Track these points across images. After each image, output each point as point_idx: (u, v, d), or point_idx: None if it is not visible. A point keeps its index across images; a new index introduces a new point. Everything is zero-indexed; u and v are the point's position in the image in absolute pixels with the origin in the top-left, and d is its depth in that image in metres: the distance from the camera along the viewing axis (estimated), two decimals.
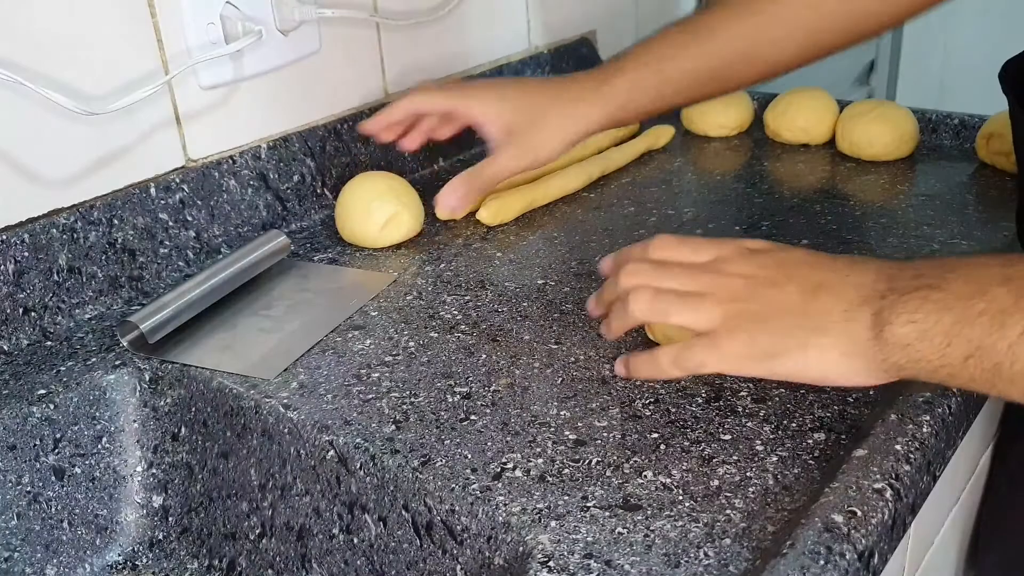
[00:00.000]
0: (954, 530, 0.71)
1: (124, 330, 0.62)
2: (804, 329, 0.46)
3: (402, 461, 0.49)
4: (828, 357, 0.45)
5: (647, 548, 0.42)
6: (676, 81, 0.70)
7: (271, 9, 0.75)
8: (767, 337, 0.47)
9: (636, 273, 0.52)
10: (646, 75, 0.71)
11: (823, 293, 0.47)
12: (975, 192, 0.79)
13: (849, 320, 0.45)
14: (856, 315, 0.45)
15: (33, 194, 0.64)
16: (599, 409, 0.52)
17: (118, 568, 0.59)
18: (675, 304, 0.50)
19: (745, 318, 0.48)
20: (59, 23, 0.63)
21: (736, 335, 0.48)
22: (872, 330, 0.44)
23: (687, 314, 0.49)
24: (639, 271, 0.52)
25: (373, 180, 0.77)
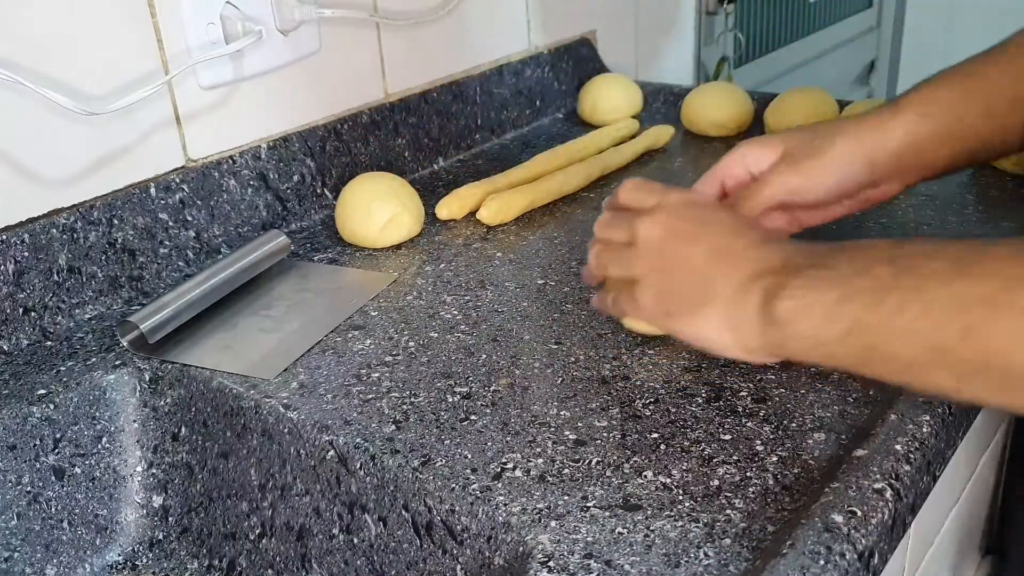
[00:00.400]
0: (954, 530, 0.71)
1: (124, 330, 0.62)
2: (697, 294, 0.48)
3: (402, 461, 0.49)
4: (711, 326, 0.47)
5: (647, 548, 0.42)
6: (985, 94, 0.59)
7: (271, 9, 0.75)
8: (669, 295, 0.49)
9: (597, 223, 0.55)
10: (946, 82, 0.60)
11: (724, 260, 0.48)
12: (975, 192, 0.79)
13: (738, 292, 0.46)
14: (747, 288, 0.45)
15: (33, 194, 0.64)
16: (599, 409, 0.52)
17: (118, 568, 0.59)
18: (610, 257, 0.53)
19: (657, 271, 0.50)
20: (59, 23, 0.63)
21: (647, 290, 0.50)
22: (757, 306, 0.45)
23: (617, 266, 0.52)
24: (605, 223, 0.54)
25: (373, 181, 0.77)
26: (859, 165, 0.58)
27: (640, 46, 1.27)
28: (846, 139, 0.59)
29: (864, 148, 0.58)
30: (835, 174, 0.59)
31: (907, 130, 0.58)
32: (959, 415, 0.50)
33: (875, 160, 0.58)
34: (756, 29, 1.71)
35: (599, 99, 1.04)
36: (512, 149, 0.99)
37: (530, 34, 1.06)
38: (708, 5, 1.45)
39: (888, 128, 0.58)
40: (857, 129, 0.59)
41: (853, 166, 0.58)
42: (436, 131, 0.94)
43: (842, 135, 0.59)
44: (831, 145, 0.59)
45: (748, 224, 0.50)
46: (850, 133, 0.59)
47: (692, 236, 0.50)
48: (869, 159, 0.58)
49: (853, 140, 0.59)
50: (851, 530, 0.41)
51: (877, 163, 0.58)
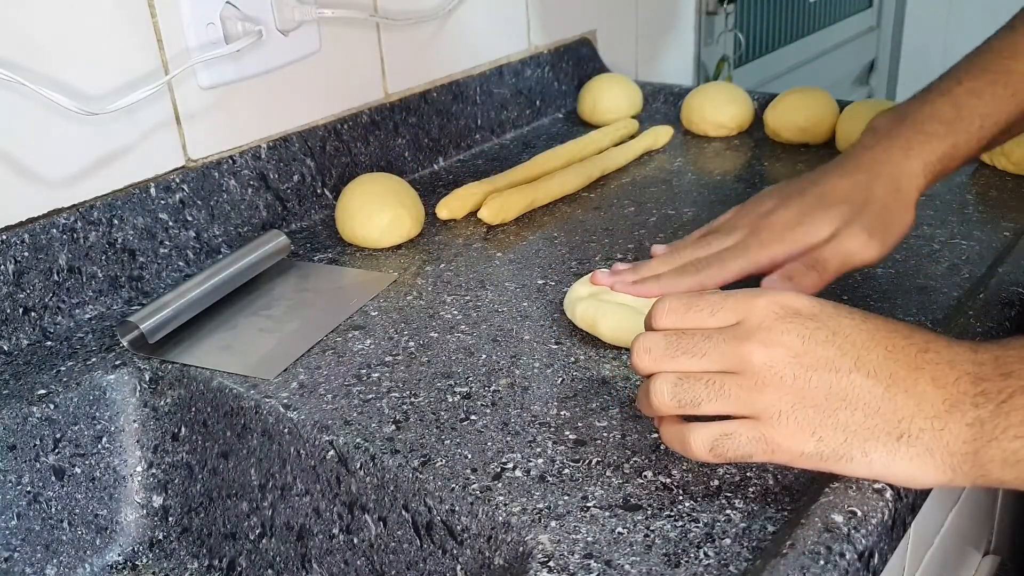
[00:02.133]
0: (954, 530, 0.71)
1: (124, 330, 0.62)
2: (883, 433, 0.41)
3: (402, 461, 0.49)
4: (918, 466, 0.41)
5: (647, 548, 0.42)
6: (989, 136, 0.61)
7: (271, 9, 0.75)
8: (837, 434, 0.41)
9: (648, 352, 0.45)
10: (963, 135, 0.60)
11: (899, 391, 0.41)
12: (975, 192, 0.79)
13: (940, 429, 0.40)
14: (946, 424, 0.40)
15: (33, 194, 0.64)
16: (599, 409, 0.52)
17: (118, 568, 0.59)
18: (704, 391, 0.43)
19: (799, 404, 0.41)
20: (59, 23, 0.63)
21: (792, 426, 0.42)
22: (970, 444, 0.40)
23: (722, 401, 0.42)
24: (652, 348, 0.45)
25: (373, 182, 0.77)
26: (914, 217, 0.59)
27: (640, 46, 1.27)
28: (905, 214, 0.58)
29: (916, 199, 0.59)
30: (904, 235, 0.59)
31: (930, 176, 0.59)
32: None
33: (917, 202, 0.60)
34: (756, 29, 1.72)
35: (599, 99, 1.04)
36: (512, 149, 0.99)
37: (530, 34, 1.06)
38: (708, 5, 1.45)
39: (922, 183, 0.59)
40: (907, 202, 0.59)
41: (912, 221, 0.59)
42: (436, 131, 0.94)
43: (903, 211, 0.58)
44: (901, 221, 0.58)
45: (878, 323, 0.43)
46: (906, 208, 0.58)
47: (832, 362, 0.42)
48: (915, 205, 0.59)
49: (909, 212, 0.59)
50: (851, 530, 0.40)
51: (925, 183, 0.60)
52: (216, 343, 0.62)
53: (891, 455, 0.41)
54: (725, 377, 0.43)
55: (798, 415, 0.41)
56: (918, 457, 0.41)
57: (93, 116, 0.64)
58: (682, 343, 0.44)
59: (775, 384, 0.42)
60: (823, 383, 0.41)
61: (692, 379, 0.43)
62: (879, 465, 0.41)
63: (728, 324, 0.44)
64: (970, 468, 0.40)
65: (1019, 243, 0.67)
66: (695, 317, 0.45)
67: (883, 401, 0.41)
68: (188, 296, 0.64)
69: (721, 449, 0.43)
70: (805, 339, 0.42)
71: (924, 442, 0.40)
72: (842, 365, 0.42)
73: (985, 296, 0.60)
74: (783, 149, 0.94)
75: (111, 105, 0.64)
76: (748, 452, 0.42)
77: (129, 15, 0.67)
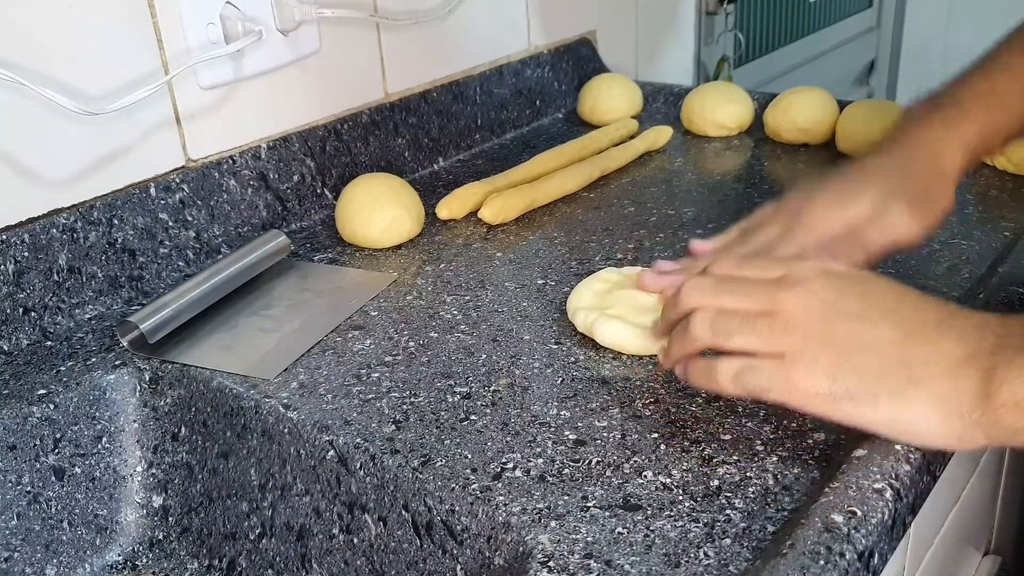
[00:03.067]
0: (954, 530, 0.71)
1: (124, 330, 0.62)
2: (899, 377, 0.42)
3: (402, 461, 0.49)
4: (924, 412, 0.41)
5: (647, 548, 0.42)
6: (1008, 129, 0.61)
7: (271, 9, 0.75)
8: (851, 375, 0.42)
9: (697, 289, 0.48)
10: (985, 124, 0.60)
11: (921, 340, 0.42)
12: (975, 192, 0.79)
13: (955, 376, 0.41)
14: (962, 371, 0.41)
15: (33, 194, 0.64)
16: (599, 409, 0.52)
17: (118, 568, 0.59)
18: (739, 325, 0.45)
19: (823, 347, 0.43)
20: (59, 23, 0.63)
21: (812, 367, 0.43)
22: (981, 389, 0.40)
23: (752, 336, 0.45)
24: (700, 286, 0.48)
25: (373, 182, 0.77)
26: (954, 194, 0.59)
27: (640, 46, 1.27)
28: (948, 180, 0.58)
29: (957, 178, 0.59)
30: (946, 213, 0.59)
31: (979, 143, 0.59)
32: None
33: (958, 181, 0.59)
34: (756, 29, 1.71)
35: (599, 99, 1.04)
36: (512, 149, 0.99)
37: (530, 34, 1.06)
38: (708, 5, 1.45)
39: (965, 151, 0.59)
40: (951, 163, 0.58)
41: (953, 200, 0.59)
42: (436, 131, 0.94)
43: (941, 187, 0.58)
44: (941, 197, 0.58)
45: (911, 290, 0.45)
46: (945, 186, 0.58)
47: (863, 313, 0.44)
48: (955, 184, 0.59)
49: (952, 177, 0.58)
50: (851, 530, 0.40)
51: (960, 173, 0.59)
52: (216, 343, 0.62)
53: (897, 400, 0.42)
54: (759, 317, 0.45)
55: (820, 357, 0.43)
56: (923, 404, 0.41)
57: (93, 116, 0.64)
58: (728, 285, 0.47)
59: (803, 327, 0.44)
60: (849, 331, 0.43)
61: (729, 314, 0.46)
62: (884, 410, 0.42)
63: (774, 276, 0.47)
64: (980, 415, 0.40)
65: (1019, 243, 0.67)
66: (747, 268, 0.48)
67: (902, 349, 0.42)
68: (188, 296, 0.64)
69: (744, 379, 0.45)
70: (840, 293, 0.45)
71: (933, 390, 0.41)
72: (870, 315, 0.44)
73: (985, 296, 0.60)
74: (783, 149, 0.94)
75: (111, 105, 0.64)
76: (768, 386, 0.44)
77: (129, 15, 0.67)
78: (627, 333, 0.57)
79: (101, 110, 0.64)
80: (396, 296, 0.68)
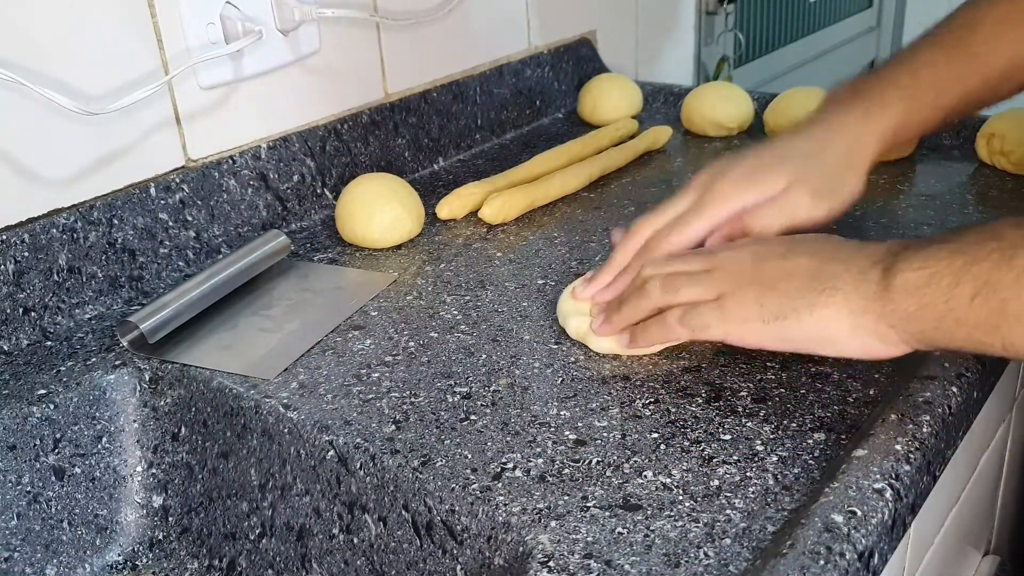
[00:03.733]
0: (954, 530, 0.71)
1: (124, 330, 0.62)
2: (813, 290, 0.47)
3: (402, 461, 0.49)
4: (837, 316, 0.46)
5: (647, 548, 0.42)
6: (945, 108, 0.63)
7: (271, 9, 0.75)
8: (775, 298, 0.48)
9: (651, 264, 0.56)
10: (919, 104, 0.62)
11: (834, 261, 0.48)
12: (975, 192, 0.79)
13: (859, 279, 0.46)
14: (867, 274, 0.46)
15: (33, 194, 0.64)
16: (599, 409, 0.52)
17: (118, 568, 0.59)
18: (685, 281, 0.52)
19: (753, 283, 0.50)
20: (59, 23, 0.63)
21: (742, 298, 0.49)
22: (881, 283, 0.45)
23: (695, 288, 0.52)
24: (655, 262, 0.56)
25: (373, 183, 0.77)
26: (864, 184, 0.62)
27: (640, 46, 1.27)
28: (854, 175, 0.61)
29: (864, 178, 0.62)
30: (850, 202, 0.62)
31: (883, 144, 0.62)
32: (959, 415, 0.50)
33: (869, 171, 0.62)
34: (756, 29, 1.71)
35: (599, 99, 1.04)
36: (512, 149, 0.99)
37: (530, 34, 1.06)
38: (708, 5, 1.45)
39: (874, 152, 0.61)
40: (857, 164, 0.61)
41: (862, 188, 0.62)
42: (436, 131, 0.94)
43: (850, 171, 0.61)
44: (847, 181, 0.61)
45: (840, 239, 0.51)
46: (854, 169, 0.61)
47: (784, 252, 0.51)
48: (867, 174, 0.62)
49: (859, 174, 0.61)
50: (851, 530, 0.40)
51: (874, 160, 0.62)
52: (216, 343, 0.62)
53: (813, 310, 0.47)
54: (701, 273, 0.53)
55: (749, 291, 0.50)
56: (833, 309, 0.47)
57: (93, 116, 0.64)
58: (676, 260, 0.55)
59: (735, 271, 0.51)
60: (774, 267, 0.50)
61: (676, 275, 0.54)
62: (806, 322, 0.48)
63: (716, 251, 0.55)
64: (882, 306, 0.45)
65: None
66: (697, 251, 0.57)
67: (819, 270, 0.48)
68: (188, 296, 0.64)
69: (688, 319, 0.52)
70: (767, 245, 0.53)
71: (844, 291, 0.46)
72: (792, 253, 0.50)
73: None
74: None
75: (111, 105, 0.64)
76: (707, 322, 0.51)
77: (129, 15, 0.67)
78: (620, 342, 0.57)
79: (101, 110, 0.64)
80: (396, 296, 0.68)
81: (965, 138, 0.89)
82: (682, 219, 0.60)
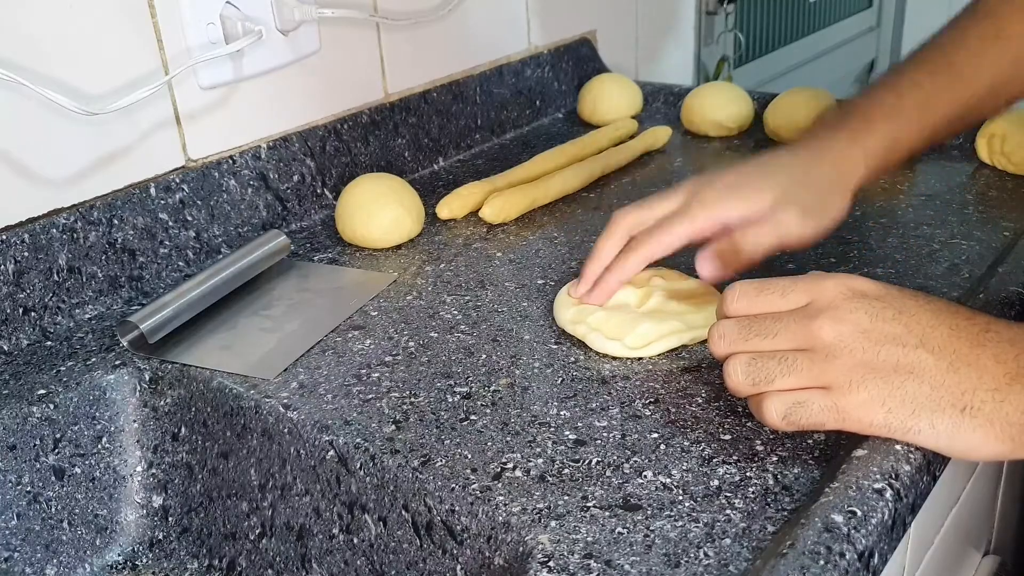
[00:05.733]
0: (954, 530, 0.71)
1: (124, 330, 0.62)
2: (948, 404, 0.43)
3: (402, 461, 0.49)
4: (978, 435, 0.43)
5: (647, 548, 0.42)
6: (934, 127, 0.62)
7: (271, 9, 0.75)
8: (903, 405, 0.43)
9: (723, 338, 0.47)
10: (904, 122, 0.61)
11: (962, 365, 0.43)
12: (975, 192, 0.79)
13: (1002, 400, 0.42)
14: (1007, 396, 0.42)
15: (33, 194, 0.64)
16: (599, 409, 0.52)
17: (118, 568, 0.59)
18: (777, 367, 0.45)
19: (869, 375, 0.44)
20: (59, 23, 0.63)
21: (860, 395, 0.44)
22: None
23: (793, 375, 0.45)
24: (726, 334, 0.47)
25: (373, 183, 0.77)
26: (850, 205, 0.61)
27: (640, 46, 1.27)
28: (840, 196, 0.60)
29: (849, 198, 0.61)
30: (835, 223, 0.60)
31: (871, 169, 0.61)
32: None
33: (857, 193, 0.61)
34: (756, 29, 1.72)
35: (599, 99, 1.04)
36: (512, 149, 0.99)
37: (530, 34, 1.06)
38: (708, 5, 1.45)
39: (861, 175, 0.60)
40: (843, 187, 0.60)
41: (842, 214, 0.60)
42: (436, 131, 0.94)
43: (837, 193, 0.60)
44: (833, 203, 0.59)
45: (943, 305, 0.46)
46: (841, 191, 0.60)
47: (899, 337, 0.44)
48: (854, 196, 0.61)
49: (844, 196, 0.60)
50: (851, 530, 0.40)
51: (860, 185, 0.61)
52: (216, 343, 0.62)
53: (956, 426, 0.43)
54: (796, 354, 0.45)
55: (868, 384, 0.43)
56: (980, 428, 0.42)
57: (93, 116, 0.64)
58: (754, 326, 0.46)
59: (845, 356, 0.44)
60: (891, 356, 0.44)
61: (764, 358, 0.46)
62: (944, 436, 0.43)
63: (798, 306, 0.46)
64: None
65: (1019, 243, 0.67)
66: (765, 301, 0.47)
67: (947, 375, 0.43)
68: (188, 296, 0.64)
69: (794, 417, 0.45)
70: (873, 317, 0.44)
71: (986, 413, 0.42)
72: (908, 341, 0.44)
73: (985, 296, 0.60)
74: None
75: (111, 105, 0.64)
76: (820, 420, 0.45)
77: (129, 15, 0.67)
78: (617, 347, 0.57)
79: (101, 110, 0.64)
80: (396, 296, 0.68)
81: (965, 138, 0.89)
82: (668, 220, 0.58)
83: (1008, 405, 0.42)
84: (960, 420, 0.43)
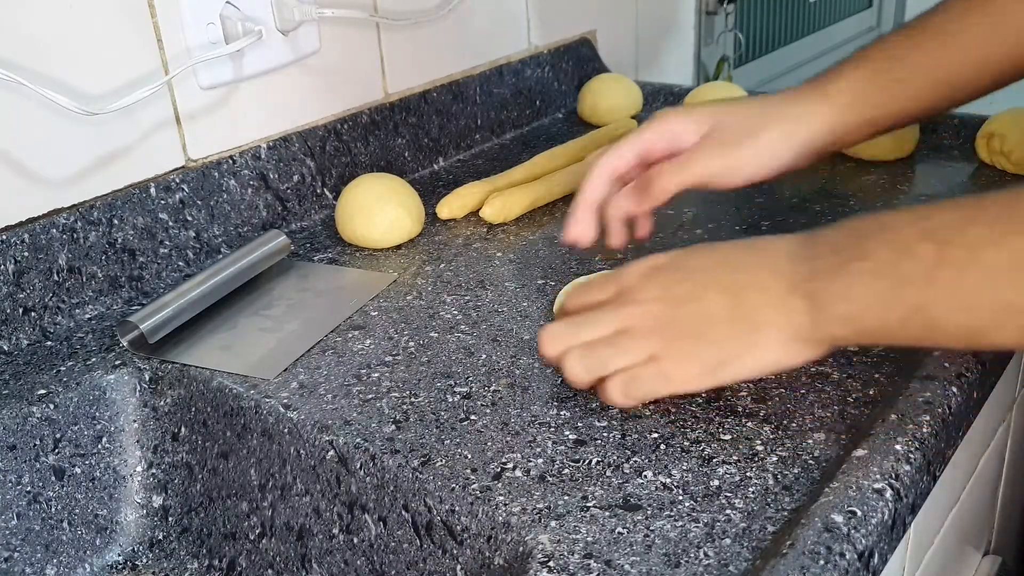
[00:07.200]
0: (954, 530, 0.71)
1: (124, 330, 0.62)
2: (743, 332, 0.47)
3: (402, 461, 0.49)
4: (774, 349, 0.47)
5: (647, 548, 0.42)
6: (907, 82, 0.60)
7: (271, 9, 0.75)
8: (710, 349, 0.48)
9: (555, 338, 0.52)
10: (872, 71, 0.60)
11: (745, 293, 0.48)
12: (975, 192, 0.79)
13: (783, 312, 0.46)
14: (788, 304, 0.46)
15: (33, 194, 0.64)
16: (599, 409, 0.52)
17: (118, 568, 0.59)
18: (606, 351, 0.50)
19: (681, 338, 0.49)
20: (59, 23, 0.63)
21: (679, 357, 0.48)
22: (809, 314, 0.45)
23: (622, 355, 0.49)
24: (557, 335, 0.52)
25: (373, 183, 0.77)
26: (785, 154, 0.60)
27: (640, 46, 1.27)
28: (778, 129, 0.60)
29: (793, 140, 0.60)
30: (760, 161, 0.60)
31: (835, 122, 0.60)
32: (959, 415, 0.50)
33: (800, 151, 0.60)
34: (756, 29, 1.72)
35: (599, 99, 1.04)
36: (512, 149, 0.99)
37: (530, 34, 1.06)
38: (708, 5, 1.45)
39: (818, 120, 0.60)
40: (788, 119, 0.60)
41: (779, 155, 0.60)
42: (436, 131, 0.94)
43: (774, 123, 0.60)
44: (764, 131, 0.60)
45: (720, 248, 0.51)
46: (781, 122, 0.60)
47: (691, 293, 0.49)
48: (796, 150, 0.60)
49: (784, 131, 0.60)
50: (851, 530, 0.41)
51: (801, 154, 0.60)
52: (216, 343, 0.62)
53: (755, 348, 0.47)
54: (620, 336, 0.50)
55: (680, 345, 0.49)
56: (775, 340, 0.47)
57: (93, 116, 0.64)
58: (580, 321, 0.51)
59: (654, 327, 0.49)
60: (689, 313, 0.49)
61: (593, 346, 0.50)
62: (750, 361, 0.48)
63: (612, 295, 0.52)
64: (819, 338, 0.46)
65: None
66: (588, 296, 0.53)
67: (736, 307, 0.47)
68: (188, 296, 0.64)
69: (633, 392, 0.50)
70: (666, 286, 0.50)
71: (775, 326, 0.47)
72: (698, 294, 0.49)
73: None
74: None
75: (111, 105, 0.64)
76: (654, 389, 0.50)
77: (129, 15, 0.67)
78: None
79: (101, 110, 0.64)
80: (396, 296, 0.68)
81: (965, 138, 0.89)
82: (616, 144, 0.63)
83: (791, 313, 0.46)
84: (756, 341, 0.47)
